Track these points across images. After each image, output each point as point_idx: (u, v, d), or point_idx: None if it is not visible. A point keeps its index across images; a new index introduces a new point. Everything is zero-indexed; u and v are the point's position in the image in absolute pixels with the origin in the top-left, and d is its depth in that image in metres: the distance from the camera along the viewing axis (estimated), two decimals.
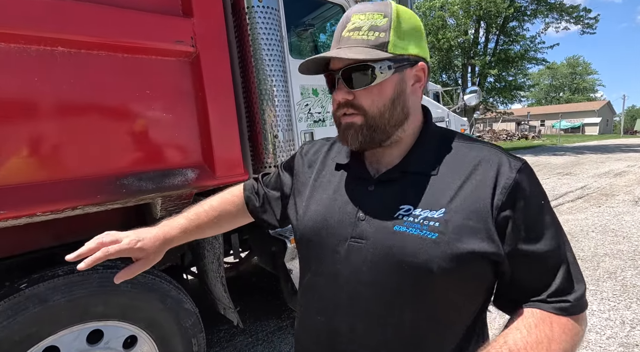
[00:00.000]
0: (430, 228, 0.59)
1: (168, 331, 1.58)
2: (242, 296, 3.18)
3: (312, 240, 0.70)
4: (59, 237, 1.76)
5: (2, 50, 1.20)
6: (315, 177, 0.77)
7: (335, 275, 0.66)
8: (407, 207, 0.62)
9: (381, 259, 0.62)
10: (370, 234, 0.63)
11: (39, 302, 1.29)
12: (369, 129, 0.65)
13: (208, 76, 1.60)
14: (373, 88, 0.63)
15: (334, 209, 0.69)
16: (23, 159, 1.23)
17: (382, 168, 0.69)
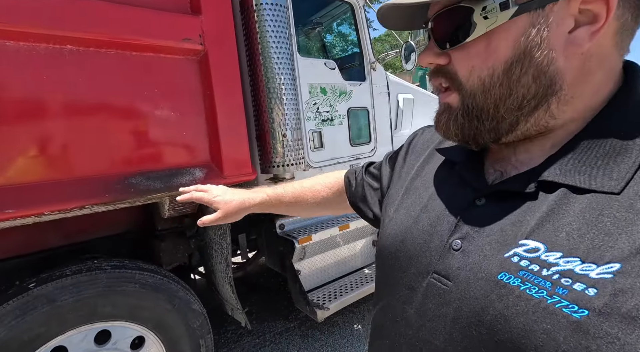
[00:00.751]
0: (573, 296, 0.31)
1: (176, 331, 1.57)
2: (250, 296, 3.16)
3: (388, 263, 0.50)
4: (68, 236, 1.76)
5: (11, 49, 1.19)
6: (414, 175, 0.55)
7: (404, 322, 0.45)
8: (533, 244, 0.35)
9: (466, 324, 0.38)
10: (461, 276, 0.39)
11: (47, 302, 1.28)
12: (468, 115, 0.41)
13: (216, 74, 1.59)
14: (473, 45, 0.38)
15: (422, 224, 0.47)
16: (30, 158, 1.22)
17: (510, 171, 0.42)
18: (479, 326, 0.36)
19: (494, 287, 0.36)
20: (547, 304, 0.32)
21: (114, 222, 1.90)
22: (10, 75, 1.20)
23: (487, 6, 0.36)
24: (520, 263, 0.35)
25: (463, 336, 0.38)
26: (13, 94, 1.20)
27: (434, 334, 0.41)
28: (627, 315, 0.28)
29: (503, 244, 0.37)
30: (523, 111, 0.39)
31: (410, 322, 0.44)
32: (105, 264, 1.45)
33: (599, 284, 0.30)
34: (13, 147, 1.20)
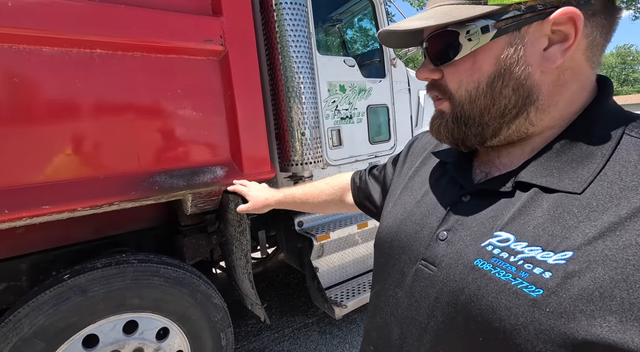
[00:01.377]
0: (532, 278, 0.36)
1: (198, 324, 1.63)
2: (269, 291, 3.22)
3: (384, 251, 0.57)
4: (98, 231, 1.86)
5: (46, 54, 1.26)
6: (412, 174, 0.61)
7: (395, 304, 0.51)
8: (505, 235, 0.41)
9: (446, 302, 0.43)
10: (444, 262, 0.45)
11: (80, 292, 1.36)
12: (456, 121, 0.47)
13: (236, 74, 1.61)
14: (461, 63, 0.44)
15: (415, 217, 0.53)
16: (65, 158, 1.30)
17: (493, 172, 0.48)
18: (456, 304, 0.42)
19: (470, 271, 0.42)
20: (511, 285, 0.37)
21: (141, 218, 1.98)
22: (47, 80, 1.27)
23: (470, 30, 0.42)
24: (493, 251, 0.41)
25: (442, 312, 0.44)
26: (50, 97, 1.27)
27: (418, 311, 0.47)
28: (574, 294, 0.33)
29: (481, 235, 0.43)
30: (505, 119, 0.44)
31: (400, 303, 0.51)
32: (133, 258, 1.52)
33: (553, 268, 0.35)
34: (50, 147, 1.27)
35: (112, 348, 1.42)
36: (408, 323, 0.49)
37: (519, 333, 0.36)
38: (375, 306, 0.57)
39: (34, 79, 1.25)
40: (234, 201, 1.81)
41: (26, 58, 1.23)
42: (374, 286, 0.59)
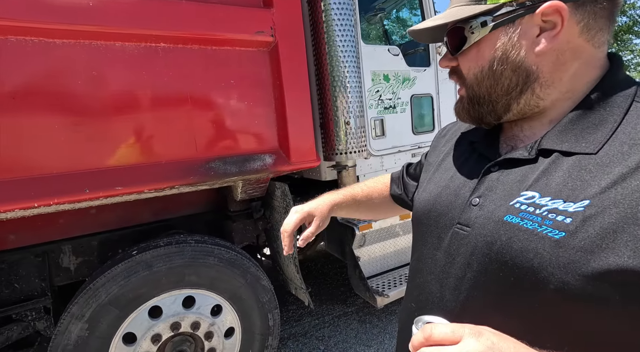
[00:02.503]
0: (556, 224, 0.43)
1: (248, 304, 1.72)
2: (308, 279, 3.30)
3: (422, 222, 0.63)
4: (156, 214, 2.01)
5: (118, 49, 1.39)
6: (444, 157, 0.68)
7: (434, 263, 0.58)
8: (531, 193, 0.47)
9: (480, 254, 0.50)
10: (478, 222, 0.51)
11: (146, 267, 1.49)
12: (470, 101, 0.56)
13: (285, 65, 1.66)
14: (470, 51, 0.54)
15: (449, 190, 0.60)
16: (133, 144, 1.42)
17: (518, 144, 0.55)
18: (489, 253, 0.49)
19: (501, 225, 0.48)
20: (537, 232, 0.44)
21: (195, 203, 2.12)
22: (119, 72, 1.39)
23: (472, 25, 0.52)
24: (521, 207, 0.47)
25: (478, 262, 0.50)
26: (122, 88, 1.40)
27: (455, 266, 0.54)
28: (592, 233, 0.40)
29: (510, 195, 0.50)
30: (511, 95, 0.52)
31: (439, 262, 0.57)
32: (190, 239, 1.63)
33: (574, 215, 0.42)
34: (120, 134, 1.40)
35: (174, 320, 1.55)
36: (446, 277, 0.55)
37: (545, 268, 0.42)
38: (416, 269, 0.64)
39: (109, 72, 1.38)
40: (280, 188, 1.87)
41: (102, 53, 1.36)
42: (414, 254, 0.66)
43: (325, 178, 2.10)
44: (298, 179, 2.47)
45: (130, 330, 1.47)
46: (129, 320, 1.47)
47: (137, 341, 1.48)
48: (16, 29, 1.22)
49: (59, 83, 1.30)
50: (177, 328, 1.54)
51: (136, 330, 1.48)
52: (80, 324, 1.39)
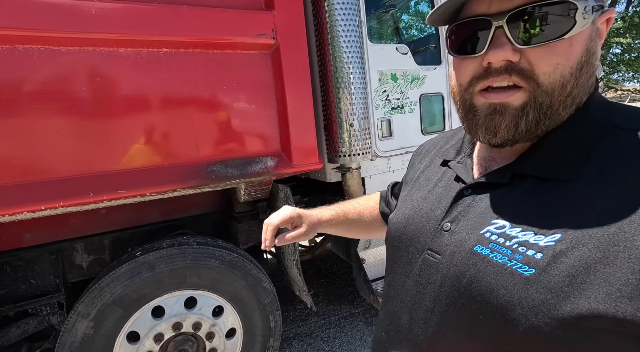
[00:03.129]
0: (526, 259, 0.39)
1: (249, 305, 1.73)
2: (316, 279, 3.31)
3: (394, 245, 0.60)
4: (164, 214, 2.06)
5: (121, 55, 1.41)
6: (419, 175, 0.65)
7: (404, 292, 0.55)
8: (502, 222, 0.44)
9: (449, 286, 0.46)
10: (448, 250, 0.48)
11: (149, 268, 1.53)
12: (537, 110, 0.43)
13: (287, 67, 1.65)
14: (558, 44, 0.40)
15: (422, 212, 0.56)
16: (136, 148, 1.45)
17: (492, 166, 0.51)
18: (458, 286, 0.45)
19: (471, 256, 0.45)
20: (507, 267, 0.41)
21: (200, 204, 2.15)
22: (122, 78, 1.42)
23: (587, 7, 0.40)
24: (491, 237, 0.44)
25: (446, 295, 0.47)
26: (124, 93, 1.42)
27: (425, 297, 0.50)
28: (562, 271, 0.37)
29: (480, 223, 0.46)
30: (571, 108, 0.44)
31: (409, 291, 0.53)
32: (192, 240, 1.66)
33: (544, 249, 0.39)
34: (123, 139, 1.43)
35: (176, 320, 1.58)
36: (416, 308, 0.52)
37: (514, 309, 0.39)
38: (387, 295, 0.60)
39: (112, 78, 1.41)
40: (283, 190, 1.87)
41: (106, 59, 1.39)
42: (386, 277, 0.63)
43: (330, 180, 2.09)
44: (305, 180, 2.47)
45: (134, 329, 1.52)
46: (133, 319, 1.51)
47: (141, 340, 1.52)
48: (23, 38, 1.26)
49: (64, 90, 1.34)
50: (179, 328, 1.58)
51: (140, 329, 1.52)
52: (86, 322, 1.44)
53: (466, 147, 0.59)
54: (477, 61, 0.45)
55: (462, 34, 0.46)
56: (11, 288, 1.71)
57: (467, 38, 0.46)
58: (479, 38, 0.44)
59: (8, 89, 1.25)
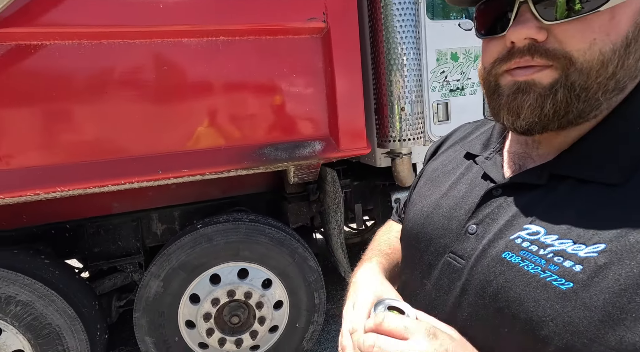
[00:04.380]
0: (562, 271, 0.35)
1: (295, 281, 1.84)
2: None
3: (411, 244, 0.56)
4: (224, 192, 2.24)
5: (184, 44, 1.54)
6: (436, 166, 0.60)
7: (422, 294, 0.51)
8: (535, 228, 0.39)
9: (473, 294, 0.43)
10: (473, 256, 0.44)
11: (208, 240, 1.71)
12: (569, 90, 0.38)
13: (337, 50, 1.63)
14: (594, 18, 0.36)
15: (442, 210, 0.52)
16: (197, 131, 1.59)
17: (527, 164, 0.46)
18: (483, 296, 0.42)
19: (499, 264, 0.41)
20: (540, 278, 0.37)
21: (255, 184, 2.29)
22: (185, 66, 1.55)
23: None
24: (522, 244, 0.40)
25: (468, 304, 0.43)
26: (186, 81, 1.56)
27: (445, 302, 0.47)
28: (605, 287, 0.33)
29: (511, 228, 0.42)
30: (614, 93, 0.38)
31: (427, 294, 0.50)
32: (245, 217, 1.79)
33: (585, 261, 0.35)
34: (185, 122, 1.58)
35: (230, 288, 1.75)
36: (434, 314, 0.48)
37: (546, 325, 0.35)
38: (402, 295, 0.56)
39: (176, 66, 1.55)
40: (330, 174, 1.90)
41: (171, 49, 1.53)
42: (401, 277, 0.60)
43: (380, 164, 2.06)
44: (356, 164, 2.46)
45: (195, 292, 1.72)
46: (194, 283, 1.72)
47: (201, 302, 1.72)
48: (106, 34, 1.44)
49: (138, 79, 1.51)
50: (232, 295, 1.75)
51: (200, 292, 1.73)
52: (157, 282, 1.68)
53: (495, 141, 0.53)
54: (501, 42, 0.41)
55: (487, 13, 0.43)
56: (104, 247, 2.05)
57: (492, 18, 0.42)
58: (504, 17, 0.40)
59: (95, 80, 1.46)
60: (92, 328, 1.67)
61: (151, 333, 1.71)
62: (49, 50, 1.39)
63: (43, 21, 1.35)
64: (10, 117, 1.38)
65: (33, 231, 1.92)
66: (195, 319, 1.72)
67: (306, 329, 1.91)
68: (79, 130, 1.46)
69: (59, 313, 1.55)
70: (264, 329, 1.81)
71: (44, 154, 1.43)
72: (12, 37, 1.33)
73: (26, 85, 1.38)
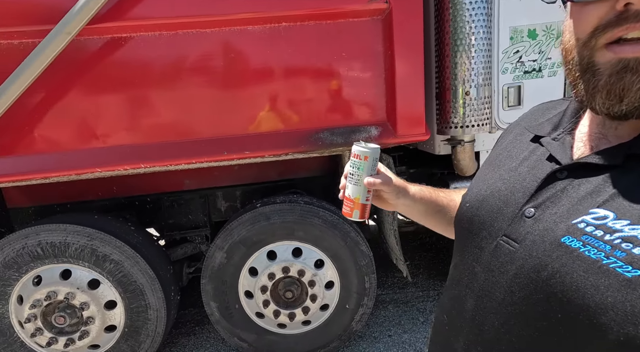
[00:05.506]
0: (630, 258, 0.34)
1: (346, 264, 1.88)
2: (419, 251, 3.27)
3: (463, 227, 0.55)
4: (280, 174, 2.35)
5: (249, 32, 1.61)
6: (500, 151, 0.58)
7: (472, 277, 0.50)
8: (603, 212, 0.37)
9: (525, 278, 0.42)
10: (528, 238, 0.43)
11: (265, 218, 1.82)
12: None
13: (398, 32, 1.58)
14: None
15: (499, 193, 0.50)
16: (258, 116, 1.67)
17: (602, 144, 0.43)
18: (537, 280, 0.40)
19: (556, 248, 0.39)
20: (601, 264, 0.35)
21: (311, 167, 2.36)
22: (250, 53, 1.63)
23: None
24: (585, 229, 0.38)
25: (520, 288, 0.42)
26: (250, 67, 1.64)
27: (495, 286, 0.46)
28: None
29: (574, 212, 0.40)
30: None
31: (477, 277, 0.49)
32: (300, 199, 1.87)
33: None
34: (250, 107, 1.67)
35: (285, 264, 1.86)
36: (483, 296, 0.48)
37: (606, 313, 0.34)
38: (453, 278, 0.57)
39: (242, 53, 1.64)
40: (386, 160, 1.88)
41: (238, 37, 1.61)
42: (453, 259, 0.59)
43: (439, 152, 1.97)
44: (413, 150, 2.39)
45: (253, 265, 1.86)
46: (253, 257, 1.85)
47: (258, 275, 1.86)
48: (180, 24, 1.57)
49: (208, 66, 1.63)
50: (287, 272, 1.85)
51: (258, 266, 1.86)
52: (221, 254, 1.84)
53: (566, 122, 0.49)
54: (607, 4, 0.36)
55: None
56: (177, 219, 2.29)
57: None
58: None
59: (172, 68, 1.61)
60: (168, 289, 1.91)
61: (215, 298, 1.90)
62: (135, 41, 1.56)
63: (131, 15, 1.51)
64: (106, 102, 1.59)
65: (122, 201, 2.23)
66: (254, 290, 1.87)
67: (356, 311, 1.95)
68: (158, 113, 1.64)
69: (142, 273, 1.80)
70: (315, 307, 1.90)
71: (131, 134, 1.63)
72: (107, 31, 1.52)
73: (118, 73, 1.57)
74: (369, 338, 2.25)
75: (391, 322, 2.40)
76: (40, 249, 1.71)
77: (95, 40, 1.52)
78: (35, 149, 1.59)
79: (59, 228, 1.72)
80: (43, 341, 1.79)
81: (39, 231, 1.71)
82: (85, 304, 1.76)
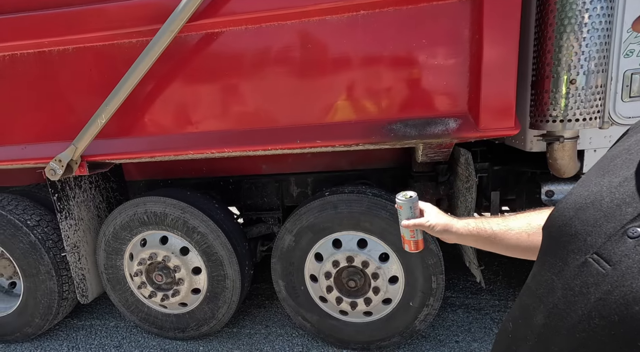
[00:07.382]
0: None
1: (413, 261, 1.82)
2: (499, 258, 2.97)
3: (551, 234, 0.50)
4: (351, 164, 2.36)
5: (327, 22, 1.61)
6: (618, 152, 0.50)
7: (548, 291, 0.46)
8: None
9: (610, 308, 0.37)
10: (625, 263, 0.38)
11: (332, 207, 1.85)
12: None
13: (490, 14, 1.41)
14: None
15: (602, 203, 0.44)
16: (329, 106, 1.69)
17: None
18: (624, 314, 0.36)
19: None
20: None
21: (383, 159, 2.31)
22: (327, 43, 1.64)
23: None
24: None
25: (601, 317, 0.38)
26: (327, 57, 1.66)
27: (572, 307, 0.42)
28: None
29: None
30: None
31: (554, 292, 0.45)
32: (369, 191, 1.85)
33: None
34: (324, 97, 1.69)
35: (349, 254, 1.88)
36: (556, 314, 0.44)
37: None
38: (528, 287, 0.53)
39: (320, 43, 1.66)
40: (464, 156, 1.73)
41: (316, 27, 1.63)
42: (534, 266, 0.55)
43: (530, 149, 1.74)
44: (499, 145, 2.15)
45: (319, 251, 1.93)
46: (319, 244, 1.92)
47: (323, 261, 1.92)
48: (264, 18, 1.65)
49: (287, 57, 1.69)
50: (351, 261, 1.87)
51: (323, 252, 1.92)
52: (290, 237, 1.95)
53: None
54: None
55: None
56: (253, 201, 2.49)
57: None
58: None
59: (256, 59, 1.71)
60: (243, 263, 2.11)
61: (283, 278, 2.03)
62: (224, 36, 1.70)
63: (223, 12, 1.65)
64: (198, 92, 1.78)
65: (209, 181, 2.50)
66: (318, 274, 1.94)
67: (420, 310, 1.89)
68: (241, 102, 1.77)
69: (222, 246, 2.01)
70: (377, 299, 1.89)
71: (218, 121, 1.80)
72: (203, 27, 1.68)
73: (210, 66, 1.74)
74: (434, 340, 2.16)
75: (460, 327, 2.26)
76: (146, 216, 2.04)
77: (192, 36, 1.71)
78: (145, 132, 1.88)
79: (160, 200, 2.02)
80: (146, 293, 2.15)
81: (145, 201, 2.04)
82: (178, 267, 2.05)
